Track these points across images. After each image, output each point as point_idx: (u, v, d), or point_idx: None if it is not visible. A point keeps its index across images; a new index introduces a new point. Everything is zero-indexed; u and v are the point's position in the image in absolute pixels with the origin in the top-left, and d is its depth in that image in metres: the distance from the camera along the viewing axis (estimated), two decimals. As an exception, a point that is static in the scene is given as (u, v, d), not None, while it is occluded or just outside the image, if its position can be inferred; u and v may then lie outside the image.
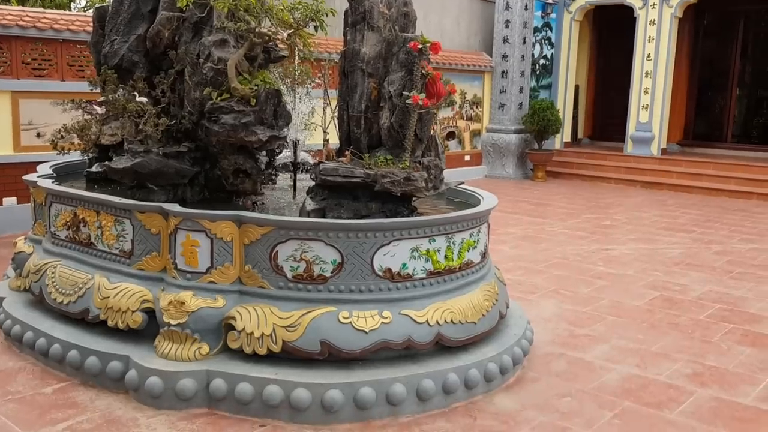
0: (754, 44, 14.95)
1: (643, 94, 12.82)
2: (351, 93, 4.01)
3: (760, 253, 7.30)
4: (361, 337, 3.46)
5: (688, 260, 6.93)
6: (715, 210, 10.01)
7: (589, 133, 15.40)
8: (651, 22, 12.58)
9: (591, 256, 7.02)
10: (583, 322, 4.95)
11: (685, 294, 5.73)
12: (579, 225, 8.64)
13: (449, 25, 12.52)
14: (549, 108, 12.39)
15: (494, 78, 12.91)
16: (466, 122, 12.73)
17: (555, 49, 13.80)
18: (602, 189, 11.97)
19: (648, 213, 9.70)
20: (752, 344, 4.59)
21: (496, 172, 13.00)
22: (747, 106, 15.19)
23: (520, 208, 9.83)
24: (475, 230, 3.98)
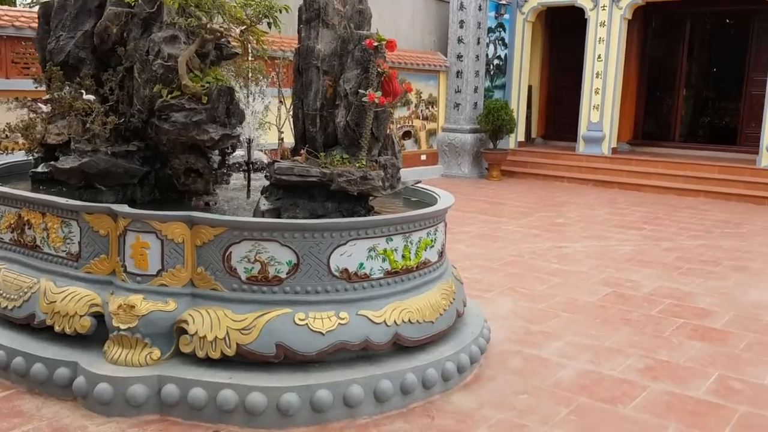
0: (700, 46, 15.42)
1: (594, 94, 13.06)
2: (306, 91, 3.95)
3: (707, 249, 7.50)
4: (317, 339, 3.41)
5: (639, 257, 7.07)
6: (664, 208, 10.26)
7: (543, 132, 15.62)
8: (601, 23, 12.82)
9: (545, 253, 7.11)
10: (538, 319, 5.00)
11: (637, 290, 5.84)
12: (533, 223, 8.75)
13: (404, 24, 12.53)
14: (503, 108, 12.51)
15: (449, 78, 12.98)
16: (422, 122, 12.76)
17: (508, 49, 13.95)
18: (555, 188, 12.15)
19: (600, 211, 9.87)
20: (702, 339, 4.70)
21: (452, 171, 13.07)
22: (693, 106, 15.63)
23: (476, 207, 9.89)
24: (433, 229, 3.97)
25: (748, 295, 5.78)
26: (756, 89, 13.05)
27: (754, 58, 13.23)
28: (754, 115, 13.14)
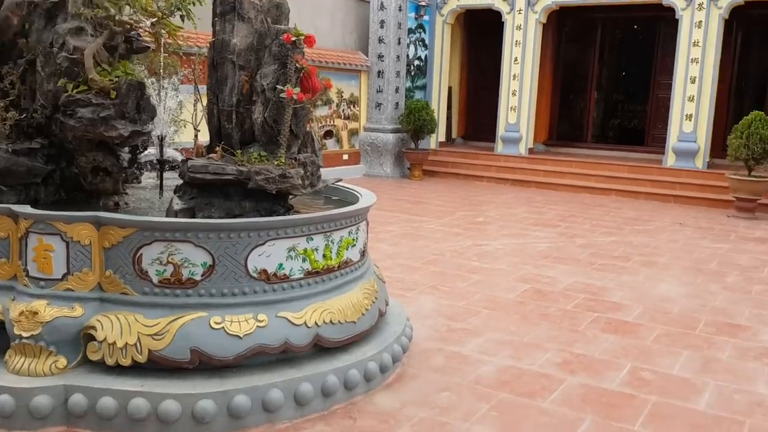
0: (610, 50, 16.06)
1: (511, 95, 13.37)
2: (221, 86, 3.82)
3: (619, 246, 7.78)
4: (235, 343, 3.30)
5: (555, 254, 7.26)
6: (578, 206, 10.60)
7: (463, 133, 15.87)
8: (518, 26, 13.14)
9: (466, 251, 7.19)
10: (460, 316, 5.03)
11: (554, 286, 5.98)
12: (454, 222, 8.85)
13: (324, 23, 12.44)
14: (424, 108, 12.63)
15: (371, 77, 12.99)
16: (344, 121, 12.71)
17: (429, 50, 14.10)
18: (475, 187, 12.35)
19: (518, 209, 10.10)
20: (615, 331, 4.85)
21: (374, 170, 13.08)
22: (604, 108, 16.27)
23: (398, 206, 9.92)
24: (354, 228, 3.92)
25: (656, 289, 6.03)
26: (662, 92, 13.70)
27: (660, 62, 13.87)
28: (660, 117, 13.78)
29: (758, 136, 9.61)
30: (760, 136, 9.60)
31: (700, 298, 5.77)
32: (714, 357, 4.43)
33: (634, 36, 16.07)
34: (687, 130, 11.83)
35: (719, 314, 5.35)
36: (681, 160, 11.91)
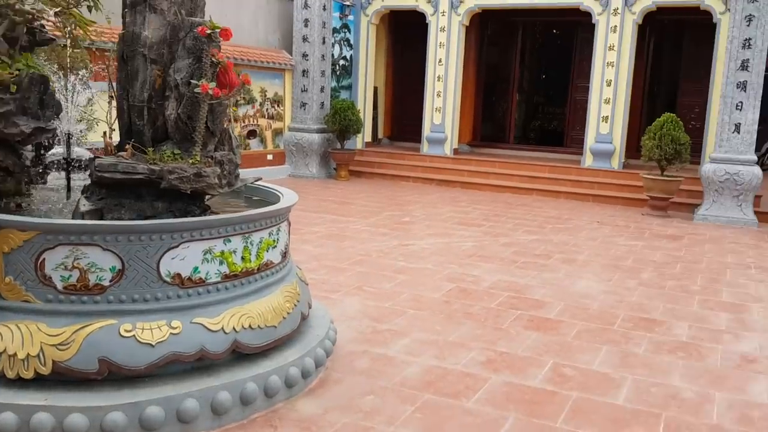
0: (531, 53, 16.45)
1: (436, 97, 13.48)
2: (132, 81, 3.63)
3: (540, 244, 7.93)
4: (147, 352, 3.12)
5: (479, 252, 7.32)
6: (501, 205, 10.77)
7: (389, 133, 15.90)
8: (441, 28, 13.25)
9: (392, 251, 7.16)
10: (385, 317, 4.98)
11: (478, 284, 6.02)
12: (381, 222, 8.81)
13: (247, 21, 12.19)
14: (350, 108, 12.56)
15: (295, 76, 12.81)
16: (268, 121, 12.48)
17: (354, 50, 14.04)
18: (402, 187, 12.37)
19: (443, 209, 10.17)
20: (537, 329, 4.91)
21: (300, 171, 12.91)
22: (526, 110, 16.66)
23: (324, 207, 9.81)
24: (275, 229, 3.80)
25: (576, 286, 6.16)
26: (580, 95, 14.12)
27: (578, 66, 14.30)
28: (578, 119, 14.19)
29: (670, 137, 10.01)
30: (671, 137, 10.01)
31: (617, 294, 5.93)
32: (631, 351, 4.54)
33: (554, 40, 16.54)
34: (603, 132, 12.22)
35: (636, 309, 5.50)
36: (598, 161, 12.30)
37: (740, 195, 9.91)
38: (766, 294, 6.17)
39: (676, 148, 10.03)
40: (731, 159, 9.95)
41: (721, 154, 10.04)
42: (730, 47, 9.88)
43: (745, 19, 9.73)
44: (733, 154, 9.97)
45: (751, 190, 9.87)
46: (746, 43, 9.76)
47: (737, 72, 9.86)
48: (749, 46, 9.75)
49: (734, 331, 5.06)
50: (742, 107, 9.88)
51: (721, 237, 8.97)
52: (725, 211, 10.02)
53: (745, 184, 9.83)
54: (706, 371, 4.27)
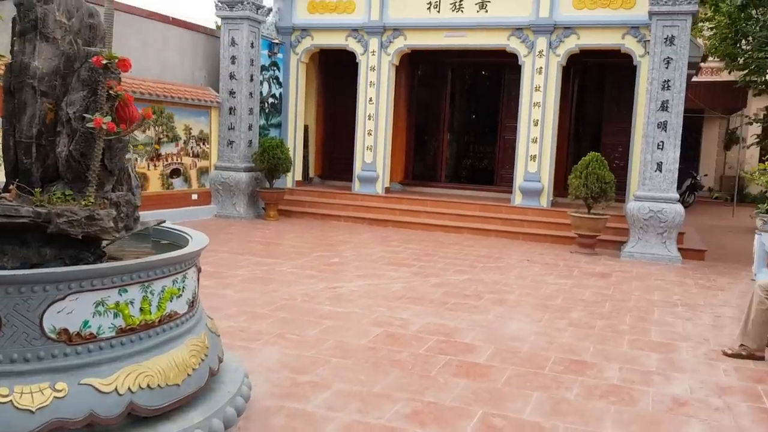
0: (460, 94, 16.66)
1: (367, 135, 13.39)
2: (19, 115, 3.29)
3: (471, 284, 7.80)
4: (25, 419, 2.73)
5: (409, 294, 7.12)
6: (432, 244, 10.65)
7: (320, 172, 15.69)
8: (372, 67, 13.24)
9: (319, 295, 6.87)
10: (307, 367, 4.68)
11: (407, 328, 5.79)
12: (309, 264, 8.52)
13: (171, 57, 11.85)
14: (279, 146, 12.30)
15: (222, 114, 12.49)
16: (193, 159, 12.07)
17: (283, 88, 13.85)
18: (332, 227, 12.12)
19: (374, 249, 9.96)
20: (466, 375, 4.70)
21: (226, 211, 12.50)
22: (457, 149, 16.79)
23: (250, 248, 9.44)
24: (180, 276, 3.48)
25: (506, 328, 6.01)
26: (509, 134, 14.32)
27: (506, 106, 14.52)
28: (507, 158, 14.38)
29: (595, 176, 10.16)
30: (597, 175, 10.16)
31: (548, 336, 5.81)
32: (563, 397, 4.37)
33: (483, 80, 16.82)
34: (532, 171, 12.36)
35: (566, 351, 5.38)
36: (527, 199, 12.41)
37: (664, 232, 10.11)
38: (693, 332, 6.17)
39: (602, 187, 10.18)
40: (654, 197, 10.16)
41: (644, 192, 10.25)
42: (651, 88, 10.17)
43: (664, 62, 10.06)
44: (656, 192, 10.20)
45: (674, 227, 10.08)
46: (665, 85, 10.07)
47: (658, 112, 10.14)
48: (668, 88, 10.07)
49: (664, 373, 4.98)
50: (664, 146, 10.15)
51: (647, 274, 9.07)
52: (650, 248, 10.18)
53: (669, 222, 10.04)
54: (638, 416, 4.13)
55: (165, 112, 11.36)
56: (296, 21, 13.70)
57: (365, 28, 13.18)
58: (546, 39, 12.13)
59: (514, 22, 12.32)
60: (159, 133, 11.31)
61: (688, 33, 10.01)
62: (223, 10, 12.31)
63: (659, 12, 10.01)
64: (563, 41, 12.10)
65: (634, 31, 11.61)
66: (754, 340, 5.32)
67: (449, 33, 12.78)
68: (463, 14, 12.64)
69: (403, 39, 13.09)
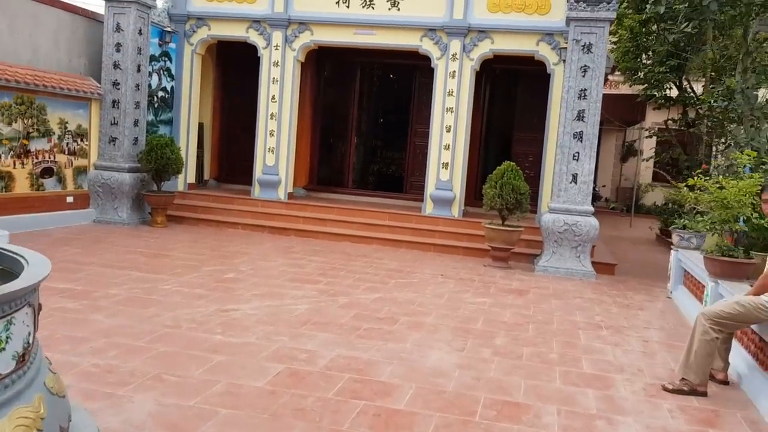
0: (369, 96, 15.93)
1: (269, 136, 12.41)
2: None
3: (384, 304, 7.03)
4: None
5: (315, 318, 6.26)
6: (340, 257, 9.83)
7: (216, 174, 14.52)
8: (275, 63, 12.27)
9: (209, 320, 5.88)
10: (187, 424, 3.73)
11: (313, 364, 4.93)
12: (199, 280, 7.47)
13: (44, 42, 10.40)
14: (168, 145, 11.09)
15: (104, 107, 11.13)
16: (68, 157, 10.66)
17: (176, 81, 12.63)
18: (229, 235, 11.05)
19: (275, 262, 9.02)
20: (386, 427, 3.91)
21: (107, 216, 11.14)
22: (365, 154, 16.03)
23: (130, 261, 8.26)
24: (4, 322, 2.48)
25: (427, 359, 5.28)
26: (419, 140, 13.75)
27: (417, 110, 13.93)
28: (418, 164, 13.80)
29: (510, 186, 9.68)
30: (512, 186, 9.68)
31: (474, 369, 5.12)
32: (501, 455, 3.67)
33: (393, 83, 16.17)
34: (444, 179, 11.80)
35: (496, 390, 4.70)
36: (438, 208, 11.83)
37: (579, 246, 9.76)
38: (625, 361, 5.67)
39: (517, 198, 9.72)
40: (569, 209, 9.80)
41: (559, 204, 9.87)
42: (567, 97, 9.81)
43: (581, 70, 9.72)
44: (571, 204, 9.84)
45: (589, 241, 9.75)
46: (582, 94, 9.74)
47: (574, 122, 9.80)
48: (584, 97, 9.74)
49: (606, 415, 4.38)
50: (579, 157, 9.81)
51: (564, 291, 8.64)
52: (564, 262, 9.81)
53: (584, 235, 9.70)
54: (589, 478, 3.48)
55: (35, 103, 9.92)
56: (192, 8, 12.52)
57: (268, 20, 12.20)
58: (460, 42, 11.60)
59: (427, 22, 11.73)
60: (28, 126, 9.86)
61: (606, 40, 9.73)
62: (108, -9, 10.98)
63: (577, 18, 9.67)
64: (477, 45, 11.61)
65: (549, 38, 11.29)
66: (696, 374, 4.84)
67: (359, 30, 12.02)
68: (374, 11, 11.92)
69: (310, 34, 12.21)
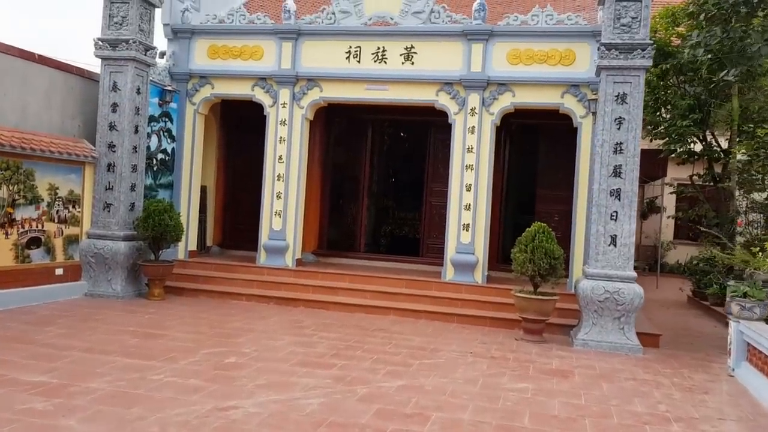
0: (381, 154, 15.18)
1: (276, 198, 11.59)
2: None
3: (409, 395, 5.99)
4: None
5: (331, 417, 5.23)
6: (354, 331, 8.81)
7: (219, 240, 13.66)
8: (282, 121, 11.56)
9: (203, 425, 4.86)
10: None
11: (332, 489, 3.90)
12: (195, 367, 6.47)
13: (35, 102, 9.70)
14: (167, 211, 10.25)
15: (98, 171, 10.33)
16: (59, 225, 9.81)
17: (177, 143, 11.90)
18: (232, 308, 10.06)
19: (283, 341, 8.01)
20: None
21: (100, 289, 10.19)
22: (377, 215, 15.16)
23: (120, 343, 7.28)
24: None
25: (473, 476, 4.23)
26: (435, 199, 12.91)
27: (432, 168, 13.14)
28: (435, 225, 12.92)
29: (543, 250, 8.73)
30: (545, 249, 8.73)
31: (533, 491, 4.07)
32: None
33: (406, 140, 15.44)
34: (465, 241, 10.87)
35: None
36: (460, 274, 10.86)
37: (622, 316, 8.72)
38: (715, 472, 4.60)
39: (551, 263, 8.75)
40: (609, 275, 8.80)
41: (597, 270, 8.88)
42: (601, 151, 8.95)
43: (615, 122, 8.89)
44: (611, 269, 8.85)
45: (633, 310, 8.71)
46: (617, 148, 8.88)
47: (610, 178, 8.91)
48: (621, 151, 8.88)
49: None
50: (618, 217, 8.88)
51: (613, 371, 7.57)
52: (606, 334, 8.75)
53: (627, 304, 8.67)
54: None
55: (22, 168, 9.14)
56: (194, 66, 11.89)
57: (275, 77, 11.53)
58: (479, 95, 10.86)
59: (443, 76, 11.03)
60: (13, 193, 9.04)
61: (642, 90, 8.92)
62: (105, 49, 10.33)
63: (609, 67, 8.89)
64: (497, 98, 10.87)
65: (575, 90, 10.54)
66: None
67: (371, 85, 11.32)
68: (386, 66, 11.24)
69: (319, 90, 11.52)
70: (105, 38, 10.32)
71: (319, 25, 11.43)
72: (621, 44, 8.79)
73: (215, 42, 11.84)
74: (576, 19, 10.58)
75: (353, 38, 11.31)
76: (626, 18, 8.86)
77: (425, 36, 11.09)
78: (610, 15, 8.91)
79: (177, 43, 11.92)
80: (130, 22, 10.27)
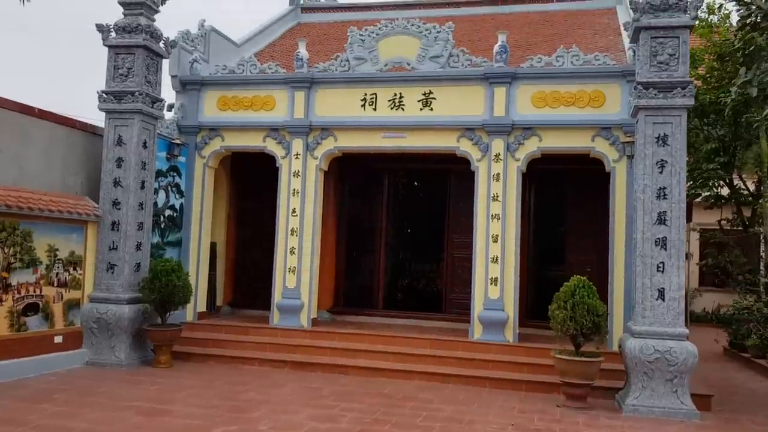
0: (397, 204, 14.50)
1: (289, 254, 10.91)
2: None
3: (452, 484, 5.18)
4: None
5: None
6: (379, 401, 8.00)
7: (230, 299, 12.93)
8: (295, 173, 10.98)
9: None
10: None
11: None
12: (204, 453, 5.69)
13: (34, 159, 9.17)
14: (175, 271, 9.58)
15: (101, 231, 9.71)
16: (58, 290, 9.14)
17: (185, 198, 11.31)
18: (244, 375, 9.28)
19: (301, 414, 7.21)
20: None
21: (102, 357, 9.44)
22: (395, 269, 14.39)
23: (121, 423, 6.51)
24: None
25: None
26: (457, 251, 12.20)
27: (452, 218, 12.47)
28: (457, 279, 12.16)
29: (585, 307, 7.97)
30: (587, 306, 7.97)
31: None
32: None
33: (424, 189, 14.78)
34: (493, 297, 10.10)
35: None
36: (489, 333, 10.06)
37: (674, 378, 7.88)
38: None
39: (594, 320, 7.97)
40: (659, 333, 8.00)
41: (645, 327, 8.08)
42: (643, 198, 8.27)
43: (657, 165, 8.24)
44: (660, 326, 8.06)
45: (687, 371, 7.87)
46: (661, 193, 8.20)
47: (654, 227, 8.20)
48: (664, 197, 8.19)
49: None
50: (665, 268, 8.13)
51: (674, 443, 6.72)
52: (659, 399, 7.90)
53: (680, 365, 7.84)
54: None
55: (19, 229, 8.53)
56: (203, 119, 11.40)
57: (287, 127, 11.00)
58: (503, 141, 10.26)
59: (464, 121, 10.46)
60: (9, 256, 8.41)
61: (684, 131, 8.29)
62: (109, 102, 9.85)
63: (648, 107, 8.29)
64: (523, 143, 10.27)
65: (606, 133, 9.92)
66: None
67: (387, 133, 10.76)
68: (404, 113, 10.70)
69: (333, 140, 10.97)
70: (110, 90, 9.85)
71: (333, 72, 10.96)
72: (659, 83, 8.21)
73: (225, 93, 11.37)
74: (604, 59, 10.05)
75: (369, 85, 10.81)
76: (663, 55, 8.29)
77: (444, 80, 10.58)
78: (645, 53, 8.35)
79: (185, 94, 11.47)
80: (136, 73, 9.81)
